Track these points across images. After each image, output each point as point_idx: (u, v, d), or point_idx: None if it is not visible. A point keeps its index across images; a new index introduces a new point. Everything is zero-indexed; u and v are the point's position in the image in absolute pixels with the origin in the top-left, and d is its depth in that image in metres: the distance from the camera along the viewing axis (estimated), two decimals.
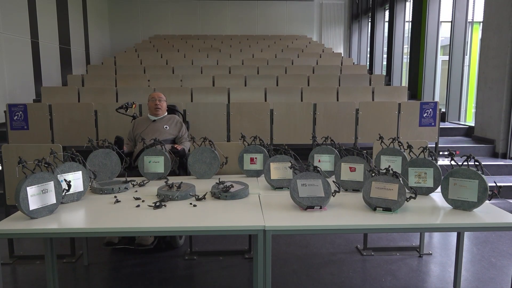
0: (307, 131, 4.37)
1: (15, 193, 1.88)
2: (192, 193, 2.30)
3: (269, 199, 2.27)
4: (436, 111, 4.40)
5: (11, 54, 6.63)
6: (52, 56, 8.24)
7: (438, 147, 4.63)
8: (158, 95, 3.57)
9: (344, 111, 4.42)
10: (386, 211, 1.98)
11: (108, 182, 2.55)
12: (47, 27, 7.98)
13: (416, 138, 4.39)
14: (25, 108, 4.17)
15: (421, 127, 4.43)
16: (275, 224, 1.84)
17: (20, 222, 1.88)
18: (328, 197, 2.05)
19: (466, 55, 7.05)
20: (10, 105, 4.17)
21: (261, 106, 4.41)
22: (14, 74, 6.68)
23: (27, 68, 7.20)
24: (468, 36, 7.06)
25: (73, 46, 9.20)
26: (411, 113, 4.43)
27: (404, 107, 4.43)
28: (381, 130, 4.33)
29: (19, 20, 6.95)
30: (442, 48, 9.10)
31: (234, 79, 6.48)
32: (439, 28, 8.02)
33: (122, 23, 11.94)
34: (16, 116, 4.17)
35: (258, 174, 2.81)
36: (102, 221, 1.89)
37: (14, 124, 4.17)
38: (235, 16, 12.35)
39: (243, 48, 9.52)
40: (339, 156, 2.67)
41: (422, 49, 8.35)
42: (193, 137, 2.84)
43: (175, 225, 1.84)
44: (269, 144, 2.86)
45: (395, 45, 9.58)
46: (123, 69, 7.29)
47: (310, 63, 7.91)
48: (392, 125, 4.43)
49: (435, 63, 8.13)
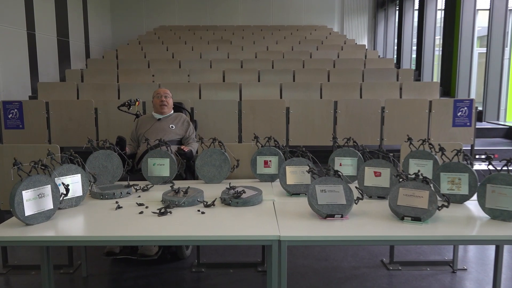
0: (327, 131, 4.36)
1: (9, 198, 1.91)
2: (200, 199, 2.31)
3: (285, 206, 2.26)
4: (471, 110, 4.34)
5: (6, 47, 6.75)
6: (50, 49, 8.37)
7: (474, 150, 4.56)
8: (164, 91, 3.60)
9: (368, 110, 4.40)
10: (415, 221, 1.96)
11: (109, 186, 2.58)
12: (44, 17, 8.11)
13: (449, 140, 4.34)
14: (21, 105, 4.25)
15: (455, 128, 4.38)
16: (291, 234, 1.84)
17: (14, 229, 1.92)
18: (350, 204, 2.04)
19: (506, 47, 6.94)
20: (5, 102, 4.25)
21: (276, 103, 4.41)
22: (8, 68, 6.81)
23: (22, 62, 7.33)
24: (508, 26, 6.94)
25: (72, 38, 9.34)
26: (444, 112, 4.38)
27: (435, 105, 4.39)
28: (409, 130, 4.28)
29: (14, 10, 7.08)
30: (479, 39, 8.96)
31: (246, 74, 6.49)
32: (476, 16, 7.91)
33: (124, 13, 12.07)
34: (10, 114, 4.25)
35: (273, 179, 2.81)
36: (102, 229, 1.91)
37: (8, 123, 4.25)
38: (248, 5, 12.38)
39: (257, 40, 9.53)
40: (363, 159, 2.65)
41: (456, 41, 8.25)
42: (202, 137, 2.86)
43: (181, 234, 1.86)
44: (285, 146, 2.86)
45: (425, 36, 9.48)
46: (126, 63, 7.37)
47: (330, 56, 7.88)
48: (422, 125, 4.39)
49: (470, 56, 8.02)
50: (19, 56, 7.24)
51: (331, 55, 8.02)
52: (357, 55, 8.22)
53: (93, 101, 4.38)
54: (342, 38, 10.19)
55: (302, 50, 8.31)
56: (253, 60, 7.49)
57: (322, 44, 9.07)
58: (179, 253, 3.27)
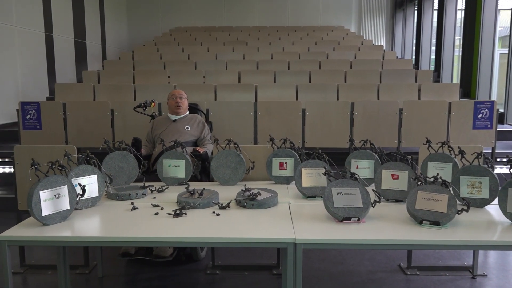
0: (343, 133, 4.33)
1: (27, 198, 1.95)
2: (215, 200, 2.32)
3: (300, 209, 2.26)
4: (493, 112, 4.28)
5: (24, 48, 6.90)
6: (67, 51, 8.51)
7: (495, 153, 4.49)
8: (179, 93, 3.62)
9: (386, 111, 4.36)
10: (434, 225, 1.94)
11: (124, 187, 2.61)
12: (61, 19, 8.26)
13: (469, 143, 4.28)
14: (38, 106, 4.32)
15: (475, 130, 4.31)
16: (307, 237, 1.83)
17: (32, 228, 1.96)
18: (367, 208, 2.03)
19: None
20: (23, 103, 4.33)
21: (292, 105, 4.40)
22: (27, 70, 6.95)
23: (40, 64, 7.47)
24: None
25: (89, 40, 9.48)
26: (464, 114, 4.32)
27: (455, 107, 4.33)
28: (428, 133, 4.23)
29: (32, 12, 7.22)
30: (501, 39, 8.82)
31: (262, 75, 6.50)
32: (497, 16, 7.78)
33: (140, 14, 12.21)
34: (28, 115, 4.33)
35: (288, 181, 2.81)
36: (117, 230, 1.94)
37: (26, 124, 4.33)
38: (264, 6, 12.40)
39: (272, 41, 9.54)
40: (380, 162, 2.64)
41: (477, 41, 8.13)
42: (217, 139, 2.87)
43: (196, 235, 1.87)
44: (301, 148, 2.85)
45: (445, 36, 9.37)
46: (142, 65, 7.45)
47: (347, 57, 7.84)
48: (441, 128, 4.33)
49: (492, 57, 7.89)
50: (37, 57, 7.38)
51: (348, 56, 7.98)
52: (374, 56, 8.16)
53: (109, 102, 4.43)
54: (359, 39, 10.13)
55: (319, 51, 8.28)
56: (269, 61, 7.50)
57: (338, 45, 9.02)
58: (193, 255, 3.28)
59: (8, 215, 3.56)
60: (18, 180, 2.99)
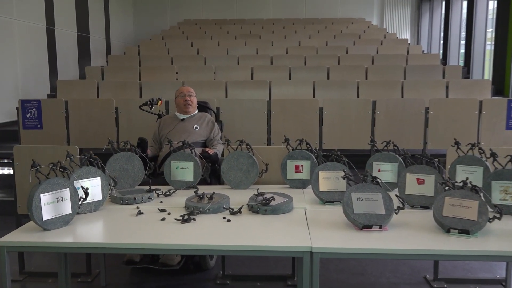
0: (364, 133, 4.31)
1: (27, 201, 1.98)
2: (226, 205, 2.33)
3: (317, 215, 2.26)
4: None
5: (25, 43, 6.99)
6: (69, 45, 8.61)
7: None
8: (188, 90, 3.64)
9: (411, 110, 4.33)
10: (463, 233, 1.92)
11: (129, 190, 2.63)
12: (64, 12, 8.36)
13: (502, 144, 4.22)
14: (39, 104, 4.38)
15: (509, 131, 4.26)
16: (324, 245, 1.83)
17: (32, 233, 1.98)
18: (389, 214, 2.02)
19: None
20: (23, 100, 4.40)
21: (308, 103, 4.40)
22: (27, 65, 7.04)
23: (41, 59, 7.57)
24: None
25: (92, 34, 9.58)
26: (496, 113, 4.26)
27: (486, 106, 4.28)
28: (457, 133, 4.19)
29: (33, 5, 7.32)
30: None
31: (276, 72, 6.50)
32: None
33: (147, 6, 12.30)
34: (29, 114, 4.39)
35: (305, 185, 2.81)
36: (122, 236, 1.96)
37: (27, 123, 4.39)
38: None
39: (288, 34, 9.53)
40: (404, 165, 2.62)
41: (511, 34, 8.02)
42: (228, 139, 2.88)
43: (205, 242, 1.87)
44: (318, 149, 2.85)
45: (475, 29, 9.27)
46: (148, 60, 7.51)
47: (368, 52, 7.80)
48: (471, 128, 4.29)
49: None
50: (38, 52, 7.47)
51: (370, 51, 7.94)
52: (398, 50, 8.11)
53: (113, 100, 4.47)
54: (382, 32, 10.07)
55: (338, 45, 8.26)
56: (284, 56, 7.49)
57: (359, 39, 8.99)
58: (202, 264, 3.29)
59: (7, 219, 3.61)
60: (17, 182, 3.03)
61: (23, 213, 3.05)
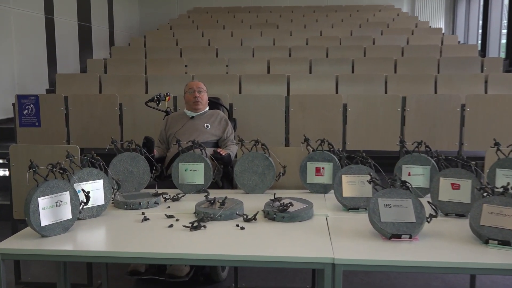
0: (392, 133, 4.29)
1: (24, 205, 2.00)
2: (239, 211, 2.33)
3: (340, 223, 2.25)
4: None
5: (22, 33, 7.09)
6: (70, 36, 8.71)
7: None
8: (197, 85, 3.66)
9: (445, 107, 4.30)
10: (503, 245, 1.90)
11: (134, 194, 2.65)
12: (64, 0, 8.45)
13: None
14: (37, 100, 4.44)
15: None
16: (348, 256, 1.82)
17: (29, 240, 2.01)
18: (420, 223, 2.00)
19: None
20: (20, 96, 4.47)
21: (331, 99, 4.39)
22: (24, 58, 7.14)
23: (40, 51, 7.67)
24: None
25: (95, 23, 9.67)
26: None
27: None
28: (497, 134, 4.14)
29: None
30: None
31: (295, 64, 6.51)
32: None
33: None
34: (26, 110, 4.46)
35: (326, 190, 2.80)
36: (126, 244, 1.97)
37: (23, 120, 4.46)
38: None
39: (308, 23, 9.52)
40: (437, 168, 2.60)
41: None
42: (242, 139, 2.88)
43: (216, 252, 1.88)
44: (341, 150, 2.84)
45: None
46: (155, 52, 7.57)
47: (398, 43, 7.75)
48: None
49: None
50: (36, 44, 7.57)
51: (399, 41, 7.89)
52: (431, 40, 8.04)
53: (117, 95, 4.52)
54: (413, 20, 10.00)
55: (363, 35, 8.22)
56: (304, 48, 7.48)
57: (387, 28, 8.93)
58: (213, 275, 3.31)
59: (2, 225, 3.67)
60: (13, 184, 3.07)
61: (19, 218, 3.09)
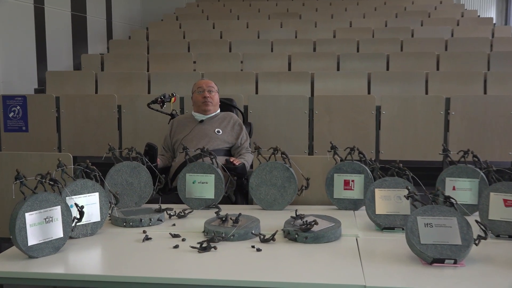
0: (434, 140, 4.27)
1: (9, 221, 2.02)
2: (256, 231, 2.33)
3: (373, 244, 2.24)
4: None
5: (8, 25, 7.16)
6: (62, 28, 8.79)
7: None
8: (208, 84, 3.67)
9: (496, 111, 4.27)
10: None
11: (134, 210, 2.67)
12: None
13: None
14: (25, 101, 4.50)
15: None
16: (382, 284, 1.81)
17: (14, 262, 2.02)
18: (467, 245, 1.99)
19: None
20: (5, 96, 4.53)
21: (362, 101, 4.38)
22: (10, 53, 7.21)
23: (28, 45, 7.74)
24: None
25: (90, 14, 9.76)
26: None
27: None
28: None
29: None
30: None
31: (320, 60, 6.50)
32: None
33: None
34: (12, 113, 4.51)
35: (356, 206, 2.79)
36: (124, 267, 1.98)
37: (9, 124, 4.51)
38: None
39: (335, 13, 9.51)
40: (487, 181, 2.57)
41: None
42: (258, 146, 2.88)
43: (228, 277, 1.88)
44: (374, 160, 2.83)
45: None
46: (159, 46, 7.62)
47: (441, 35, 7.71)
48: None
49: None
50: (24, 37, 7.64)
51: (442, 33, 7.84)
52: (480, 32, 7.98)
53: (115, 96, 4.56)
54: (459, 9, 9.93)
55: (400, 26, 8.19)
56: (331, 41, 7.48)
57: (429, 18, 8.89)
58: None
59: None
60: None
61: (3, 236, 3.12)
